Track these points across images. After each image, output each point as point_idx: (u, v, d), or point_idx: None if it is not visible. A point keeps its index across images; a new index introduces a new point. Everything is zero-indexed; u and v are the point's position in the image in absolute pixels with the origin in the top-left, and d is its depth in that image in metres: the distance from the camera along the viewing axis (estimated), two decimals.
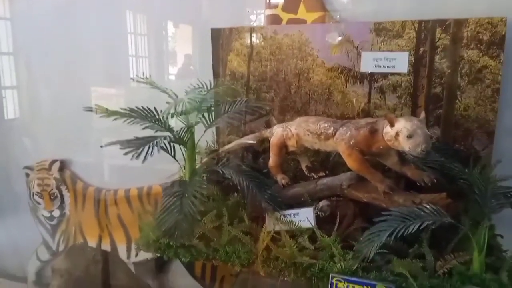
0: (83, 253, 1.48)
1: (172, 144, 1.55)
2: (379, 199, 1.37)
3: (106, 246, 2.14)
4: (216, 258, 1.42)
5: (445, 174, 1.41)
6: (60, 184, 2.27)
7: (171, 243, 1.43)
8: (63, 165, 2.29)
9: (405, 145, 1.19)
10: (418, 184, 1.33)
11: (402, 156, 1.40)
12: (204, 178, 1.50)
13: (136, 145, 1.32)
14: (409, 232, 1.15)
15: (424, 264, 1.23)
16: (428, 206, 1.21)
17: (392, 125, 1.24)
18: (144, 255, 2.19)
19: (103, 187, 2.28)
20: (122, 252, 2.14)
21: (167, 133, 1.46)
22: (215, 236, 1.44)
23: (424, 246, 1.27)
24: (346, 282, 1.21)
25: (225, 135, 1.96)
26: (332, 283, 1.23)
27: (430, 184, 1.30)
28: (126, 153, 1.28)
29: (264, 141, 1.76)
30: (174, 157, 1.58)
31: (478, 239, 1.18)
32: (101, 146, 1.46)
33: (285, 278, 1.34)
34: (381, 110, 1.66)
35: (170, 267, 2.27)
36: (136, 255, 2.19)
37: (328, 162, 1.78)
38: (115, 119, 1.56)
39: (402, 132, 1.21)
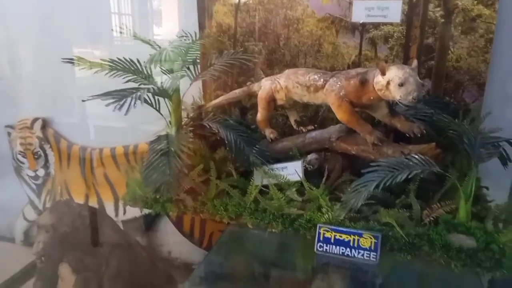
0: (69, 208, 1.46)
1: (156, 97, 1.51)
2: (368, 151, 1.36)
3: (93, 205, 2.12)
4: (204, 212, 1.41)
5: (434, 126, 1.39)
6: (43, 143, 2.21)
7: (158, 198, 1.41)
8: (46, 123, 2.22)
9: (396, 94, 1.17)
10: (408, 135, 1.32)
11: (392, 108, 1.38)
12: (191, 132, 1.45)
13: (119, 97, 1.27)
14: (397, 181, 1.14)
15: (410, 213, 1.24)
16: (416, 156, 1.20)
17: (383, 73, 1.20)
18: (133, 213, 2.19)
19: (87, 145, 2.23)
20: (109, 211, 2.14)
21: (151, 86, 1.40)
22: (202, 190, 1.42)
23: (411, 197, 1.28)
24: (333, 232, 1.22)
25: (211, 90, 1.91)
26: (319, 233, 1.23)
27: (419, 135, 1.29)
28: (108, 105, 1.22)
29: (252, 96, 1.71)
30: (159, 111, 1.54)
31: (465, 188, 1.18)
32: (83, 100, 1.40)
33: (273, 230, 1.34)
34: (372, 62, 1.62)
35: (159, 225, 2.28)
36: (124, 213, 2.18)
37: (317, 118, 1.76)
38: (96, 72, 1.50)
39: (394, 81, 1.17)
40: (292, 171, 1.46)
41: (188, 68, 1.59)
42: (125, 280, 1.56)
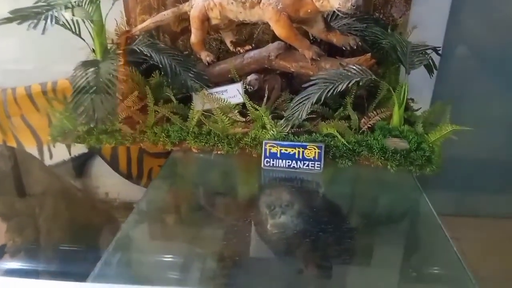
0: None
1: (75, 20, 1.34)
2: (307, 67, 1.36)
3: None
4: (144, 141, 1.34)
5: (366, 40, 1.43)
6: None
7: (92, 129, 1.31)
8: None
9: (335, 3, 1.15)
10: (344, 48, 1.34)
11: (327, 22, 1.38)
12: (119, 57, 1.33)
13: (31, 14, 1.10)
14: (338, 91, 1.18)
15: (349, 124, 1.29)
16: (354, 67, 1.23)
17: None
18: (60, 156, 2.03)
19: None
20: None
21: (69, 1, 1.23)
22: (140, 118, 1.34)
23: (349, 108, 1.33)
24: (278, 147, 1.24)
25: (136, 15, 1.75)
26: (265, 149, 1.25)
27: (355, 47, 1.31)
28: (20, 23, 1.06)
29: (183, 19, 1.60)
30: (79, 35, 1.38)
31: (397, 95, 1.25)
32: None
33: (218, 152, 1.33)
34: None
35: (91, 167, 2.15)
36: (51, 157, 2.02)
37: (252, 40, 1.71)
38: None
39: None
40: (232, 94, 1.43)
41: None
42: (63, 222, 1.48)
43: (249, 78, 1.43)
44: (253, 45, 1.50)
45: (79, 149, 2.01)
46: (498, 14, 1.75)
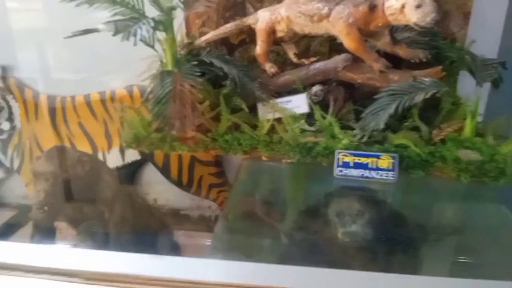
0: (67, 154, 1.35)
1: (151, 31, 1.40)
2: (374, 78, 1.39)
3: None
4: (215, 148, 1.38)
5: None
6: (5, 93, 1.99)
7: (166, 137, 1.35)
8: (5, 72, 1.98)
9: (413, 16, 1.18)
10: (412, 61, 1.36)
11: (393, 35, 1.41)
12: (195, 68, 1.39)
13: (122, 26, 1.16)
14: (414, 102, 1.20)
15: (420, 135, 1.31)
16: (427, 79, 1.25)
17: None
18: (114, 163, 2.09)
19: (56, 94, 2.05)
20: None
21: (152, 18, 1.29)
22: (212, 126, 1.38)
23: (417, 120, 1.35)
24: (352, 156, 1.26)
25: (196, 28, 1.81)
26: (338, 159, 1.27)
27: (425, 60, 1.34)
28: (114, 34, 1.12)
29: (241, 32, 1.66)
30: (153, 47, 1.44)
31: (472, 106, 1.26)
32: (68, 37, 1.27)
33: (288, 160, 1.36)
34: None
35: (142, 173, 2.20)
36: (105, 163, 2.08)
37: (309, 52, 1.75)
38: (77, 5, 1.35)
39: (409, 3, 1.18)
40: (297, 104, 1.47)
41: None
42: (128, 227, 1.52)
43: (314, 88, 1.47)
44: (318, 57, 1.53)
45: (132, 156, 2.07)
46: None
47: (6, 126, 2.03)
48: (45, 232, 1.43)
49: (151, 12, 1.43)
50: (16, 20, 2.02)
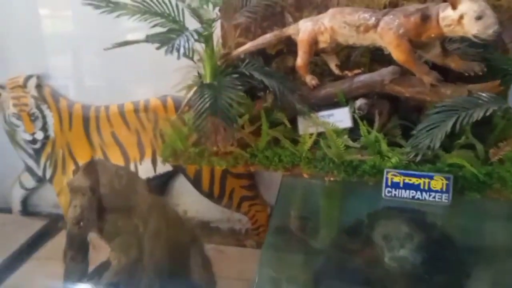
0: (104, 168, 1.32)
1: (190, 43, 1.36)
2: (424, 92, 1.31)
3: None
4: (254, 164, 1.33)
5: None
6: (40, 102, 1.99)
7: (204, 152, 1.31)
8: (40, 81, 2.00)
9: (472, 28, 1.10)
10: (467, 74, 1.28)
11: (445, 47, 1.33)
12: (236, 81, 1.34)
13: (164, 39, 1.13)
14: (472, 120, 1.11)
15: (475, 153, 1.22)
16: (484, 94, 1.17)
17: (454, 7, 1.13)
18: (145, 174, 2.07)
19: (91, 103, 2.04)
20: None
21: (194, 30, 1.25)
22: (251, 140, 1.33)
23: (470, 137, 1.26)
24: (402, 176, 1.18)
25: (233, 38, 1.77)
26: (387, 178, 1.20)
27: (481, 73, 1.25)
28: (159, 48, 1.08)
29: (279, 42, 1.60)
30: (192, 58, 1.41)
31: None
32: (107, 48, 1.25)
33: (331, 179, 1.29)
34: (412, 1, 1.54)
35: (173, 184, 2.17)
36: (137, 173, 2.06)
37: (348, 63, 1.68)
38: (118, 16, 1.33)
39: (468, 14, 1.11)
40: (339, 118, 1.40)
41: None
42: (162, 241, 1.48)
43: (358, 102, 1.40)
44: (362, 68, 1.46)
45: (164, 167, 2.04)
46: None
47: (40, 135, 2.04)
48: (79, 248, 1.40)
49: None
50: (52, 29, 2.03)
